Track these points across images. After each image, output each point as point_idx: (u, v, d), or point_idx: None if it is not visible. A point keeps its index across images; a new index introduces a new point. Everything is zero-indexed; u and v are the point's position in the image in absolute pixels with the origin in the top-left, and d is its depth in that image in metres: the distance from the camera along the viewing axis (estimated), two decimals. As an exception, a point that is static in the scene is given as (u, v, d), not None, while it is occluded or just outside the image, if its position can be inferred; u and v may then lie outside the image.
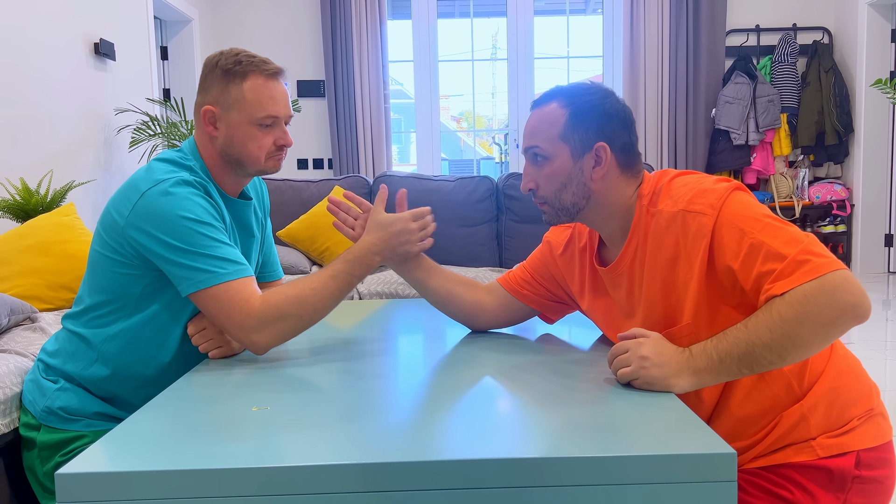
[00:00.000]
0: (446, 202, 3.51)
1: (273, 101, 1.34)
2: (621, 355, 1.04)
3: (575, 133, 1.16)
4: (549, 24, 6.31)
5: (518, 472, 0.78)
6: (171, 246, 1.23)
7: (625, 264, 1.19)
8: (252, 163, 1.36)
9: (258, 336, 1.23)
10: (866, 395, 1.15)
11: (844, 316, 0.96)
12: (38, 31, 3.37)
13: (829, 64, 5.65)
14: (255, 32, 5.91)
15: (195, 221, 1.24)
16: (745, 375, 1.03)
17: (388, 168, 5.99)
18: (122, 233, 1.27)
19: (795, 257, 0.98)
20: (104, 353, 1.33)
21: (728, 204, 1.07)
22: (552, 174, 1.18)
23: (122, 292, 1.31)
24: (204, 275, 1.22)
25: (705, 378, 1.02)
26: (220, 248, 1.25)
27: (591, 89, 1.20)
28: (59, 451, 1.34)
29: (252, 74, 1.33)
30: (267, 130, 1.35)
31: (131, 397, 1.36)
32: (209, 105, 1.35)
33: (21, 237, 2.25)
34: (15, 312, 1.87)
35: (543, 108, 1.20)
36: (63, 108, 3.58)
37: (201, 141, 1.39)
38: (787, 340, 0.97)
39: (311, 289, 1.26)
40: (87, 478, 0.77)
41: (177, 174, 1.28)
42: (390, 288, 3.09)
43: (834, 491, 1.09)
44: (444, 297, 1.40)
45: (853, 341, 3.56)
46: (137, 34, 4.46)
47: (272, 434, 0.87)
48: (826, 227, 5.75)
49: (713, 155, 5.80)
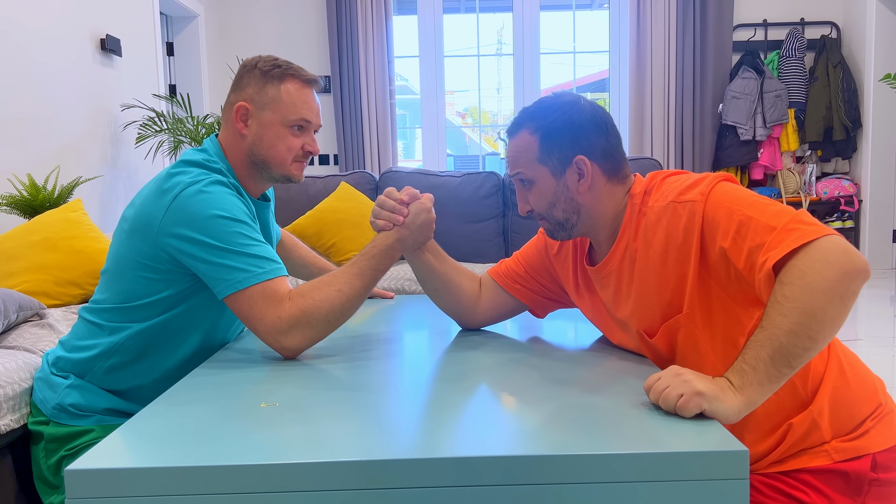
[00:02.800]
0: (452, 198, 3.50)
1: (307, 107, 1.37)
2: (657, 382, 0.94)
3: (551, 154, 1.17)
4: (555, 18, 6.29)
5: (530, 469, 0.78)
6: (208, 245, 1.22)
7: (613, 264, 1.20)
8: (277, 165, 1.37)
9: (288, 340, 1.21)
10: (871, 391, 1.14)
11: (846, 275, 0.93)
12: (45, 27, 3.37)
13: (838, 59, 5.61)
14: (261, 28, 5.91)
15: (231, 220, 1.24)
16: (789, 375, 0.94)
17: (394, 164, 5.98)
18: (156, 239, 1.26)
19: (785, 226, 0.98)
20: (127, 347, 1.34)
21: (716, 189, 1.08)
22: (540, 194, 1.20)
23: (152, 297, 1.31)
24: (242, 274, 1.21)
25: (750, 393, 0.92)
26: (256, 247, 1.24)
27: (556, 105, 1.19)
28: (65, 445, 1.34)
29: (290, 78, 1.36)
30: (297, 134, 1.37)
31: (149, 390, 1.36)
32: (243, 101, 1.36)
33: (28, 233, 2.26)
34: (23, 308, 1.87)
35: (516, 138, 1.21)
36: (70, 103, 3.58)
37: (229, 140, 1.39)
38: (806, 317, 0.92)
39: (337, 291, 1.24)
40: (96, 474, 0.77)
41: (209, 176, 1.28)
42: (396, 284, 3.09)
43: (851, 495, 1.08)
44: (446, 284, 1.38)
45: (861, 338, 3.54)
46: (144, 30, 4.47)
47: (280, 431, 0.87)
48: (834, 222, 5.72)
49: (720, 150, 5.77)
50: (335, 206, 3.36)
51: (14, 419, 1.41)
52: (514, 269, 1.40)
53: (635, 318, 1.19)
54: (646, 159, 3.58)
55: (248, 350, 1.34)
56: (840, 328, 0.95)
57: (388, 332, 1.44)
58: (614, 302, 1.22)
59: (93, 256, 2.27)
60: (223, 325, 1.42)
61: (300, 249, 1.79)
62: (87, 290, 2.26)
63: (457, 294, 1.39)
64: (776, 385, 0.93)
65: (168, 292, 1.30)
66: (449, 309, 1.42)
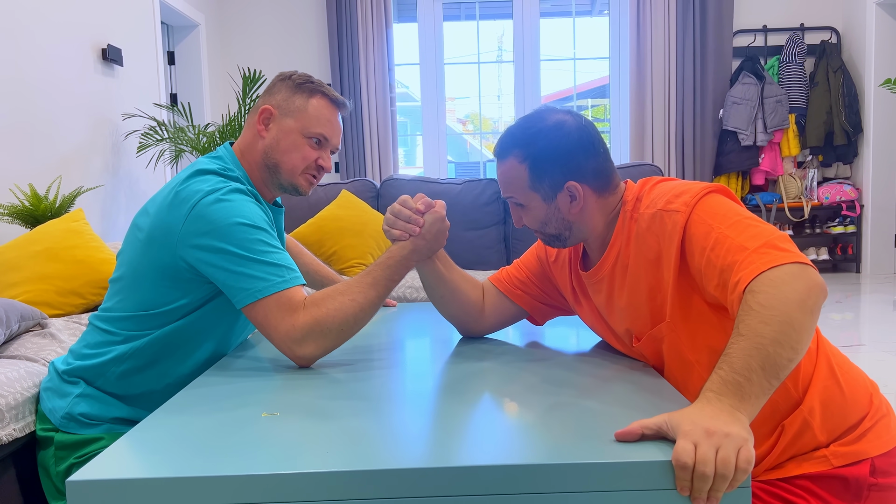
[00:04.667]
0: (454, 205, 3.51)
1: (329, 124, 1.41)
2: (683, 455, 0.78)
3: (542, 182, 1.18)
4: (555, 25, 6.31)
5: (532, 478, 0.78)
6: (229, 253, 1.22)
7: (605, 270, 1.20)
8: (288, 172, 1.39)
9: (301, 349, 1.21)
10: (863, 392, 1.14)
11: (811, 291, 0.92)
12: (47, 37, 3.39)
13: (838, 64, 5.62)
14: (262, 37, 5.94)
15: (252, 227, 1.24)
16: (775, 388, 0.88)
17: (395, 171, 5.99)
18: (175, 249, 1.26)
19: (757, 249, 0.97)
20: (141, 353, 1.34)
21: (702, 202, 1.08)
22: (532, 216, 1.22)
23: (169, 306, 1.31)
24: (261, 283, 1.21)
25: (748, 408, 0.86)
26: (275, 254, 1.24)
27: (542, 132, 1.17)
28: (75, 452, 1.34)
29: (320, 95, 1.41)
30: (314, 146, 1.40)
31: (161, 395, 1.36)
32: (269, 105, 1.40)
33: (30, 243, 2.26)
34: (25, 318, 1.88)
35: (504, 165, 1.21)
36: (71, 113, 3.59)
37: (246, 142, 1.42)
38: (785, 326, 0.89)
39: (351, 300, 1.23)
40: (97, 485, 0.77)
41: (227, 184, 1.29)
42: (398, 292, 3.09)
43: (850, 500, 1.07)
44: (453, 292, 1.38)
45: (864, 343, 3.54)
46: (144, 39, 4.48)
47: (282, 441, 0.87)
48: (835, 227, 5.72)
49: (721, 156, 5.77)
50: (336, 214, 3.37)
51: (17, 428, 1.41)
52: (515, 275, 1.41)
53: (625, 323, 1.20)
54: (646, 165, 3.58)
55: (252, 357, 1.34)
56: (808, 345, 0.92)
57: (391, 341, 1.44)
58: (606, 307, 1.23)
59: (95, 266, 2.27)
60: (236, 332, 1.43)
61: (304, 256, 1.80)
62: (88, 300, 2.26)
63: (462, 302, 1.39)
64: (766, 399, 0.88)
65: (184, 300, 1.31)
66: (453, 316, 1.42)
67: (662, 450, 0.80)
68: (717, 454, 0.77)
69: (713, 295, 1.05)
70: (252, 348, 1.44)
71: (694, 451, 0.77)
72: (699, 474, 0.76)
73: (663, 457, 0.78)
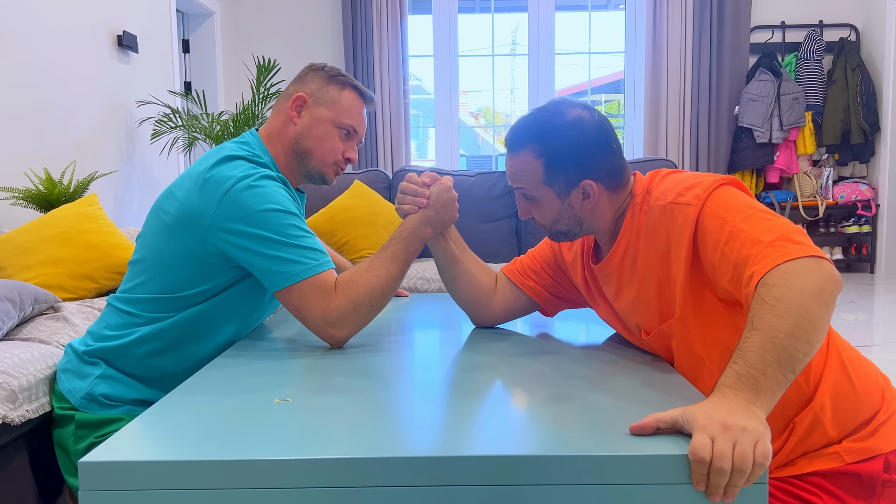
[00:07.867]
0: (466, 197, 3.50)
1: (360, 117, 1.45)
2: (700, 450, 0.77)
3: (557, 178, 1.16)
4: (571, 19, 6.27)
5: (546, 470, 0.77)
6: (264, 238, 1.23)
7: (614, 262, 1.19)
8: (318, 160, 1.42)
9: (336, 330, 1.25)
10: (875, 387, 1.12)
11: (826, 283, 0.90)
12: (62, 24, 3.40)
13: (856, 61, 5.56)
14: (277, 26, 5.93)
15: (285, 212, 1.26)
16: (791, 381, 0.87)
17: (407, 163, 5.98)
18: (206, 234, 1.27)
19: (772, 242, 0.95)
20: (165, 334, 1.34)
21: (714, 195, 1.06)
22: (543, 211, 1.21)
23: (194, 289, 1.33)
24: (298, 266, 1.23)
25: (764, 402, 0.84)
26: (308, 238, 1.27)
27: (561, 128, 1.15)
28: (96, 431, 1.35)
29: (352, 88, 1.45)
30: (343, 138, 1.44)
31: (181, 377, 1.36)
32: (303, 93, 1.42)
33: (44, 227, 2.27)
34: (38, 301, 1.89)
35: (517, 157, 1.19)
36: (86, 99, 3.61)
37: (275, 128, 1.43)
38: (800, 319, 0.87)
39: (376, 276, 1.27)
40: (109, 466, 0.77)
41: (257, 171, 1.30)
42: (409, 283, 3.09)
43: (864, 497, 1.06)
44: (465, 274, 1.39)
45: (877, 343, 3.50)
46: (160, 27, 4.49)
47: (293, 426, 0.87)
48: (850, 227, 5.66)
49: (736, 153, 5.73)
50: (348, 204, 3.37)
51: (31, 409, 1.42)
52: (528, 265, 1.41)
53: (634, 317, 1.19)
54: (661, 160, 3.56)
55: (267, 339, 1.34)
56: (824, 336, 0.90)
57: (402, 330, 1.44)
58: (616, 300, 1.23)
59: (108, 251, 2.28)
60: (258, 314, 1.44)
61: None
62: (101, 284, 2.27)
63: (473, 286, 1.40)
64: (781, 393, 0.86)
65: (209, 284, 1.32)
66: (464, 301, 1.42)
67: (678, 444, 0.79)
68: (734, 449, 0.75)
69: (726, 289, 1.04)
70: (269, 331, 1.44)
71: (711, 445, 0.76)
72: (716, 469, 0.75)
73: (678, 451, 0.77)
